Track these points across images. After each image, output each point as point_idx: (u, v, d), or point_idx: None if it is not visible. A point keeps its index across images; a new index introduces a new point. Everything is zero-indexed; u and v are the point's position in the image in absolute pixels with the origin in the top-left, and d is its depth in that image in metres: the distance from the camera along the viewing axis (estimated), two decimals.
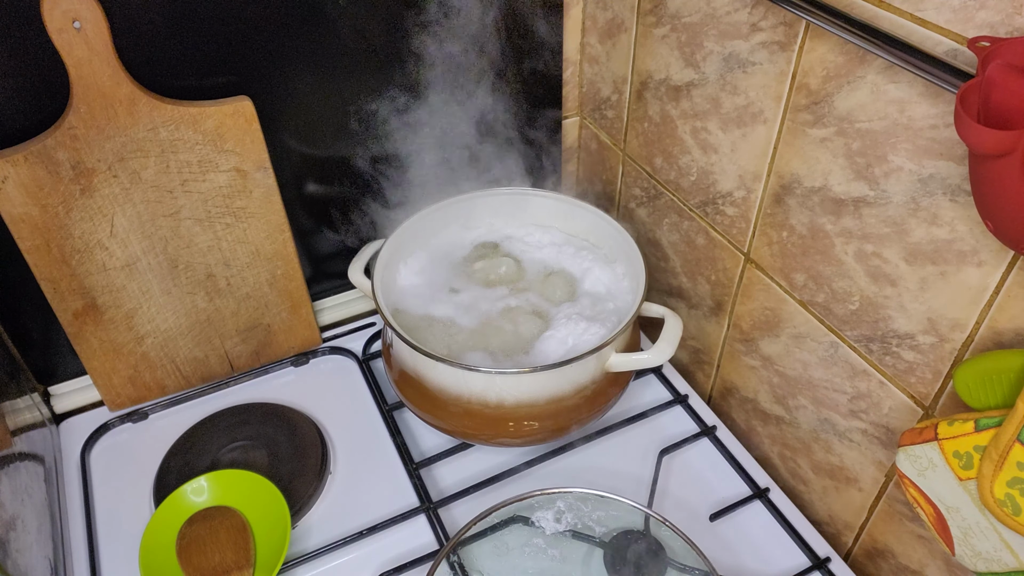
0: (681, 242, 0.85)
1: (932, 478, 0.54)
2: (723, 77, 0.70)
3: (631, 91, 0.85)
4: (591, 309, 0.78)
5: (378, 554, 0.71)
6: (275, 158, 0.76)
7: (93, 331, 0.76)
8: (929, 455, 0.54)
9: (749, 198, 0.72)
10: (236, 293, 0.82)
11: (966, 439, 0.51)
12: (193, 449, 0.79)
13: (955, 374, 0.52)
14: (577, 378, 0.71)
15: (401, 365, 0.76)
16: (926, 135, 0.53)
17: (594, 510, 0.69)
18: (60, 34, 0.62)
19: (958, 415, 0.52)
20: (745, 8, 0.65)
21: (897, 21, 0.52)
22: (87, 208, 0.70)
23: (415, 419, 0.82)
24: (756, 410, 0.81)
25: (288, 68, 0.75)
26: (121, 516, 0.75)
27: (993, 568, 0.53)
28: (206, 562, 0.67)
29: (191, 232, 0.76)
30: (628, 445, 0.80)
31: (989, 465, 0.49)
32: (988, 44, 0.43)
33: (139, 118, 0.68)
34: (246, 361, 0.87)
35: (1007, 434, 0.47)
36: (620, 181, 0.93)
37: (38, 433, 0.76)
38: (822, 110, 0.60)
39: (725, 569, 0.69)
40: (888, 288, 0.60)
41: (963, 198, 0.52)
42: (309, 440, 0.79)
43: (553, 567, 0.67)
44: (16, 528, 0.61)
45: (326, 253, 0.90)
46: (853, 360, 0.66)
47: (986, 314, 0.53)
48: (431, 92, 0.83)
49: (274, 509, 0.70)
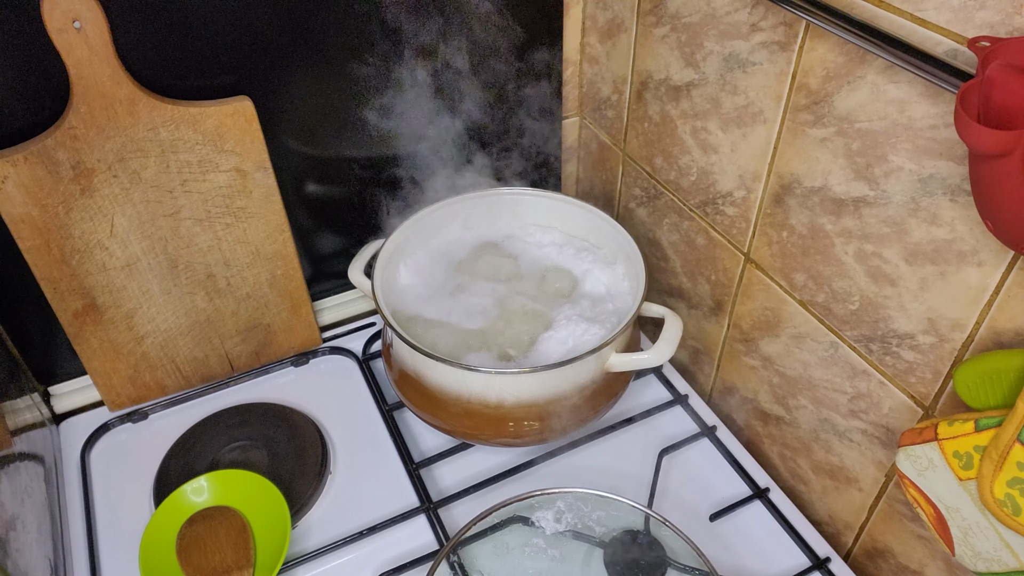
0: (681, 242, 0.85)
1: (932, 478, 0.54)
2: (723, 77, 0.70)
3: (631, 91, 0.85)
4: (591, 310, 0.78)
5: (378, 554, 0.71)
6: (275, 158, 0.76)
7: (93, 331, 0.76)
8: (929, 455, 0.54)
9: (749, 198, 0.72)
10: (236, 293, 0.82)
11: (966, 439, 0.51)
12: (193, 449, 0.79)
13: (955, 374, 0.52)
14: (577, 378, 0.71)
15: (401, 365, 0.76)
16: (926, 135, 0.53)
17: (594, 510, 0.69)
18: (60, 34, 0.62)
19: (958, 415, 0.52)
20: (745, 8, 0.65)
21: (897, 21, 0.52)
22: (87, 208, 0.70)
23: (415, 419, 0.82)
24: (756, 410, 0.81)
25: (288, 68, 0.75)
26: (121, 516, 0.75)
27: (993, 568, 0.53)
28: (206, 562, 0.67)
29: (191, 232, 0.76)
30: (628, 445, 0.80)
31: (989, 465, 0.49)
32: (988, 44, 0.43)
33: (139, 118, 0.68)
34: (246, 361, 0.87)
35: (1007, 434, 0.47)
36: (620, 181, 0.93)
37: (38, 433, 0.76)
38: (822, 110, 0.60)
39: (725, 569, 0.69)
40: (888, 288, 0.60)
41: (963, 198, 0.52)
42: (309, 440, 0.79)
43: (553, 567, 0.67)
44: (16, 528, 0.61)
45: (326, 253, 0.90)
46: (853, 360, 0.66)
47: (986, 314, 0.53)
48: (431, 92, 0.83)
49: (274, 509, 0.70)
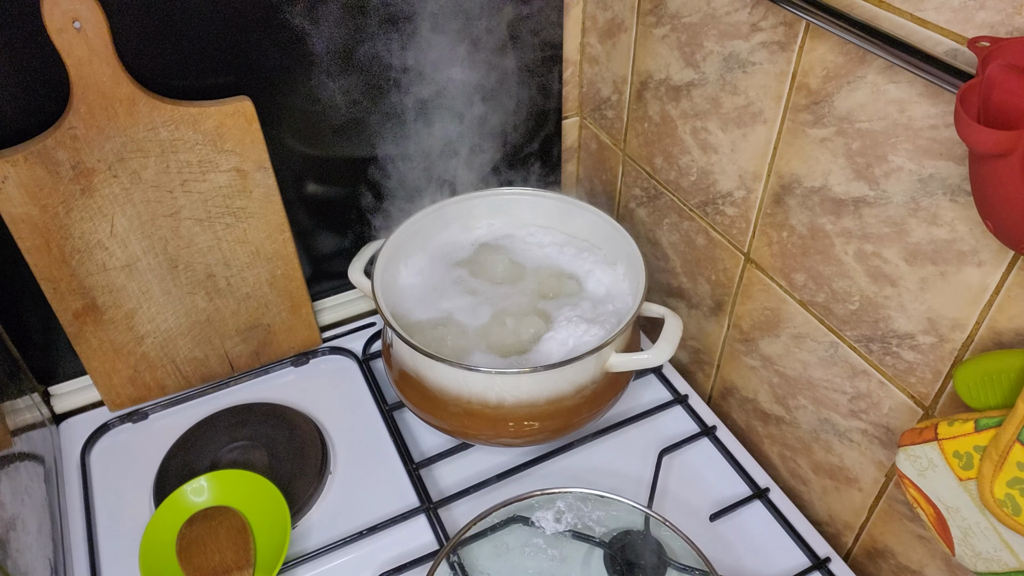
0: (681, 242, 0.85)
1: (932, 478, 0.54)
2: (723, 77, 0.70)
3: (631, 91, 0.85)
4: (592, 312, 0.78)
5: (378, 554, 0.71)
6: (275, 158, 0.76)
7: (93, 331, 0.76)
8: (929, 455, 0.54)
9: (749, 198, 0.72)
10: (236, 293, 0.82)
11: (966, 439, 0.51)
12: (193, 449, 0.79)
13: (955, 374, 0.52)
14: (577, 378, 0.71)
15: (401, 365, 0.76)
16: (926, 135, 0.53)
17: (594, 510, 0.69)
18: (60, 34, 0.62)
19: (958, 415, 0.52)
20: (745, 8, 0.65)
21: (897, 21, 0.52)
22: (87, 208, 0.70)
23: (415, 419, 0.82)
24: (756, 410, 0.81)
25: (288, 68, 0.75)
26: (121, 516, 0.75)
27: (993, 568, 0.53)
28: (206, 562, 0.67)
29: (191, 232, 0.76)
30: (628, 445, 0.80)
31: (989, 465, 0.49)
32: (988, 44, 0.43)
33: (139, 118, 0.68)
34: (246, 361, 0.87)
35: (1007, 434, 0.47)
36: (620, 181, 0.93)
37: (38, 433, 0.76)
38: (822, 110, 0.60)
39: (725, 569, 0.69)
40: (888, 288, 0.60)
41: (963, 198, 0.52)
42: (309, 440, 0.79)
43: (553, 567, 0.67)
44: (16, 528, 0.61)
45: (326, 253, 0.90)
46: (853, 360, 0.66)
47: (986, 314, 0.53)
48: (431, 92, 0.83)
49: (274, 509, 0.70)
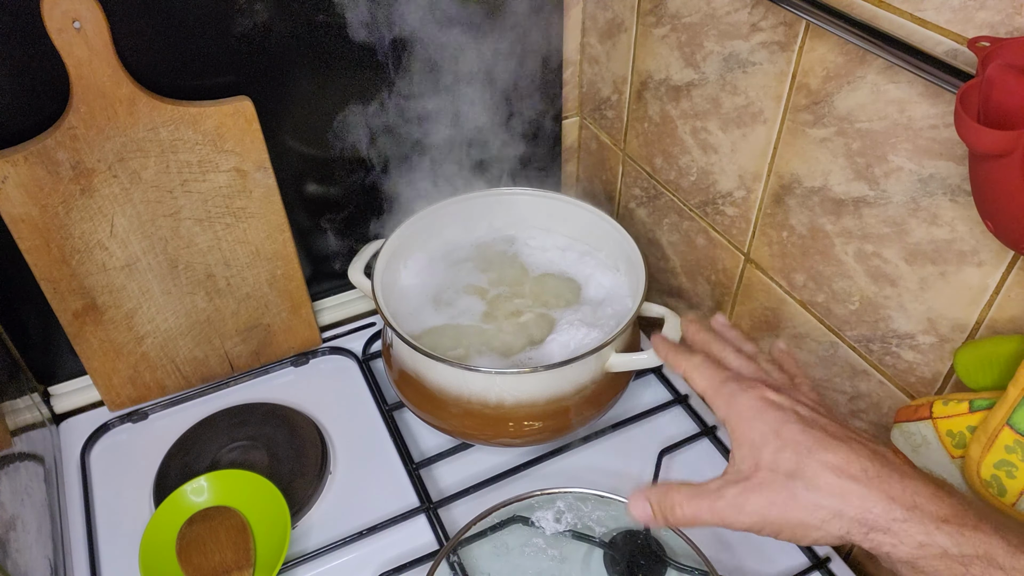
0: (681, 242, 0.85)
1: (925, 455, 0.54)
2: (723, 77, 0.70)
3: (631, 91, 0.85)
4: (592, 315, 0.78)
5: (378, 554, 0.71)
6: (275, 158, 0.76)
7: (93, 331, 0.76)
8: (923, 432, 0.54)
9: (749, 198, 0.72)
10: (236, 293, 0.82)
11: (960, 419, 0.52)
12: (193, 449, 0.79)
13: (956, 355, 0.52)
14: (577, 378, 0.71)
15: (401, 365, 0.76)
16: (926, 135, 0.53)
17: (594, 510, 0.69)
18: (60, 34, 0.62)
19: (953, 395, 0.52)
20: (745, 8, 0.65)
21: (897, 21, 0.52)
22: (87, 208, 0.70)
23: (415, 419, 0.82)
24: None
25: (288, 68, 0.75)
26: (121, 516, 0.75)
27: None
28: (206, 562, 0.67)
29: (191, 232, 0.76)
30: (628, 445, 0.80)
31: (977, 447, 0.49)
32: (988, 44, 0.43)
33: (139, 118, 0.68)
34: (246, 361, 0.87)
35: (996, 418, 0.48)
36: (620, 181, 0.93)
37: (38, 433, 0.76)
38: (822, 110, 0.60)
39: (725, 569, 0.69)
40: (888, 288, 0.60)
41: (963, 198, 0.52)
42: (309, 440, 0.79)
43: (553, 567, 0.67)
44: (16, 528, 0.61)
45: (326, 253, 0.90)
46: (853, 360, 0.66)
47: (986, 314, 0.53)
48: (431, 92, 0.83)
49: (274, 509, 0.70)
